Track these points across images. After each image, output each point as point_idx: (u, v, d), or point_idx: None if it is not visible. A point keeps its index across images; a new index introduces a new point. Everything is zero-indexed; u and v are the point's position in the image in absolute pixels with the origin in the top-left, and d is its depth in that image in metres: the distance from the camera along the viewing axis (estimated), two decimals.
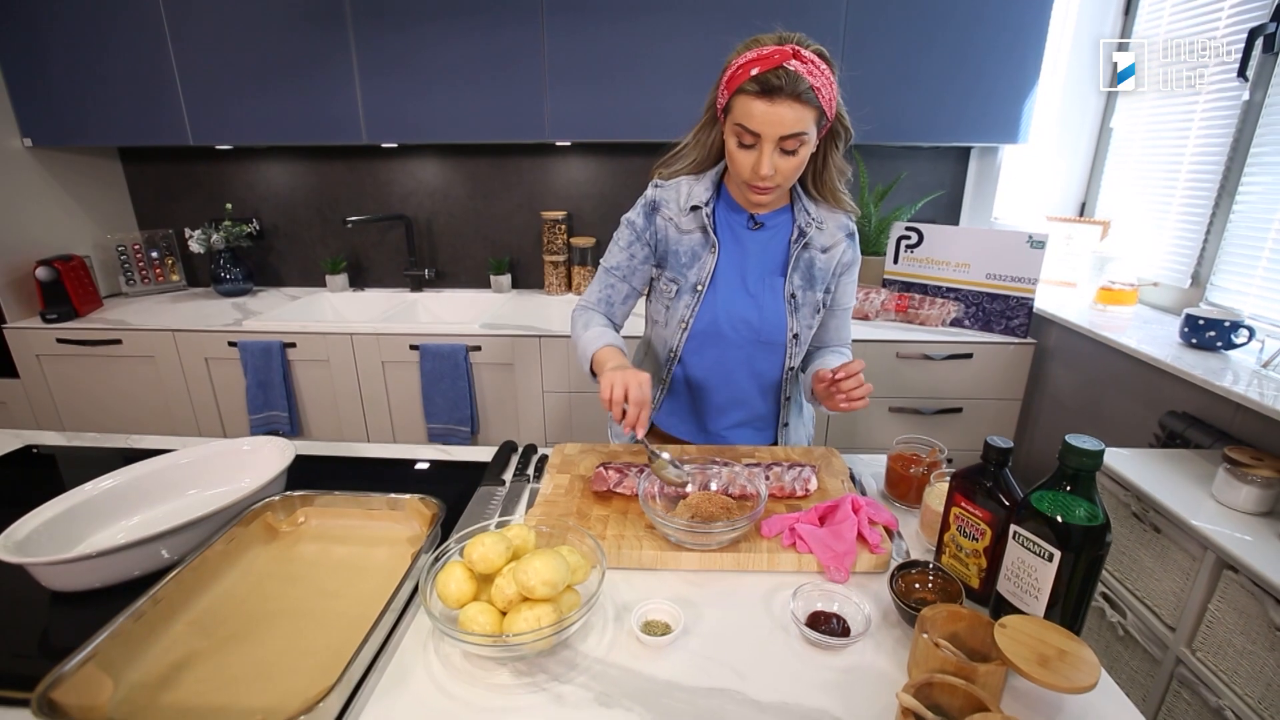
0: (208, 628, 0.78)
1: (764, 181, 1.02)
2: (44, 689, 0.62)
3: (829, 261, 1.16)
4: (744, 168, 1.03)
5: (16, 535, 0.84)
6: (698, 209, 1.13)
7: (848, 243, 1.17)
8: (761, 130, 0.97)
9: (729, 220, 1.15)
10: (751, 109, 0.97)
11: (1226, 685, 1.12)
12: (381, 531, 0.97)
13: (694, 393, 1.23)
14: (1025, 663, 0.62)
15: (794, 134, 0.97)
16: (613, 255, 1.20)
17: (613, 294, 1.22)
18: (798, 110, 0.96)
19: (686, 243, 1.15)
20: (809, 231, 1.13)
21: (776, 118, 0.96)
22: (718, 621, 0.78)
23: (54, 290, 2.20)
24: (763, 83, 0.95)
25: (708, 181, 1.14)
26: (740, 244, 1.15)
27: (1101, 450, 0.67)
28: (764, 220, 1.15)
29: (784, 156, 1.00)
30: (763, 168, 1.00)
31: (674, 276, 1.16)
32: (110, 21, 2.10)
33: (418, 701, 0.68)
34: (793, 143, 0.99)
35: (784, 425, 1.26)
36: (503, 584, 0.73)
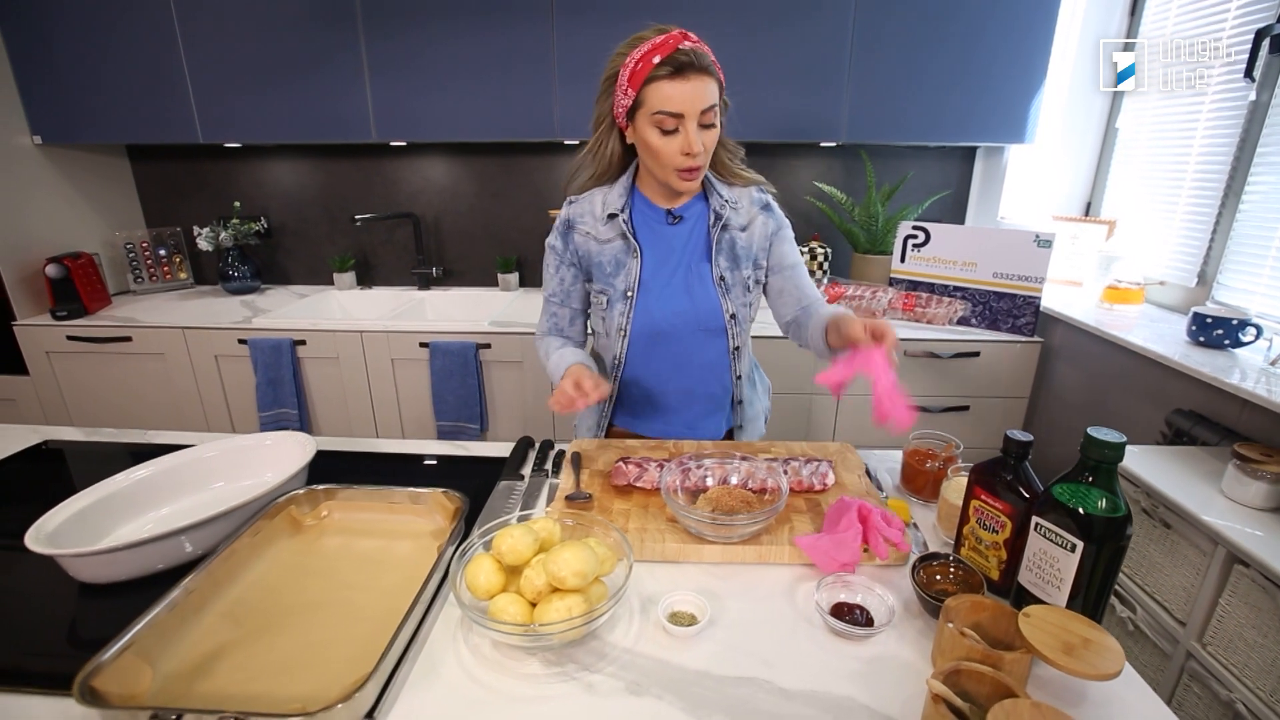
0: (238, 619, 0.79)
1: (694, 159, 1.04)
2: (84, 676, 0.63)
3: (750, 238, 1.18)
4: (672, 154, 1.04)
5: (46, 527, 0.84)
6: (614, 216, 1.14)
7: (764, 215, 1.19)
8: (683, 109, 1.00)
9: (647, 221, 1.17)
10: (668, 92, 1.00)
11: (1238, 678, 1.13)
12: (404, 525, 0.97)
13: (647, 394, 1.24)
14: (1051, 651, 0.63)
15: (710, 105, 1.02)
16: (547, 284, 1.23)
17: (558, 320, 1.25)
18: (708, 83, 1.01)
19: (608, 252, 1.16)
20: (725, 214, 1.15)
21: (694, 93, 1.00)
22: (742, 613, 0.79)
23: (64, 287, 2.20)
24: (673, 64, 0.99)
25: (620, 189, 1.15)
26: (663, 240, 1.17)
27: (1123, 443, 0.68)
28: (681, 213, 1.17)
29: (704, 130, 1.04)
30: (694, 145, 1.02)
31: (603, 287, 1.18)
32: (120, 19, 2.11)
33: (450, 691, 0.69)
34: (709, 115, 1.03)
35: (738, 402, 1.27)
36: (532, 575, 0.74)
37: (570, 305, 1.23)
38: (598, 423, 1.29)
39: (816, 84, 2.09)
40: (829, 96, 2.09)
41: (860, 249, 2.39)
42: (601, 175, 1.16)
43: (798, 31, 2.03)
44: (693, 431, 1.27)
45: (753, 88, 2.08)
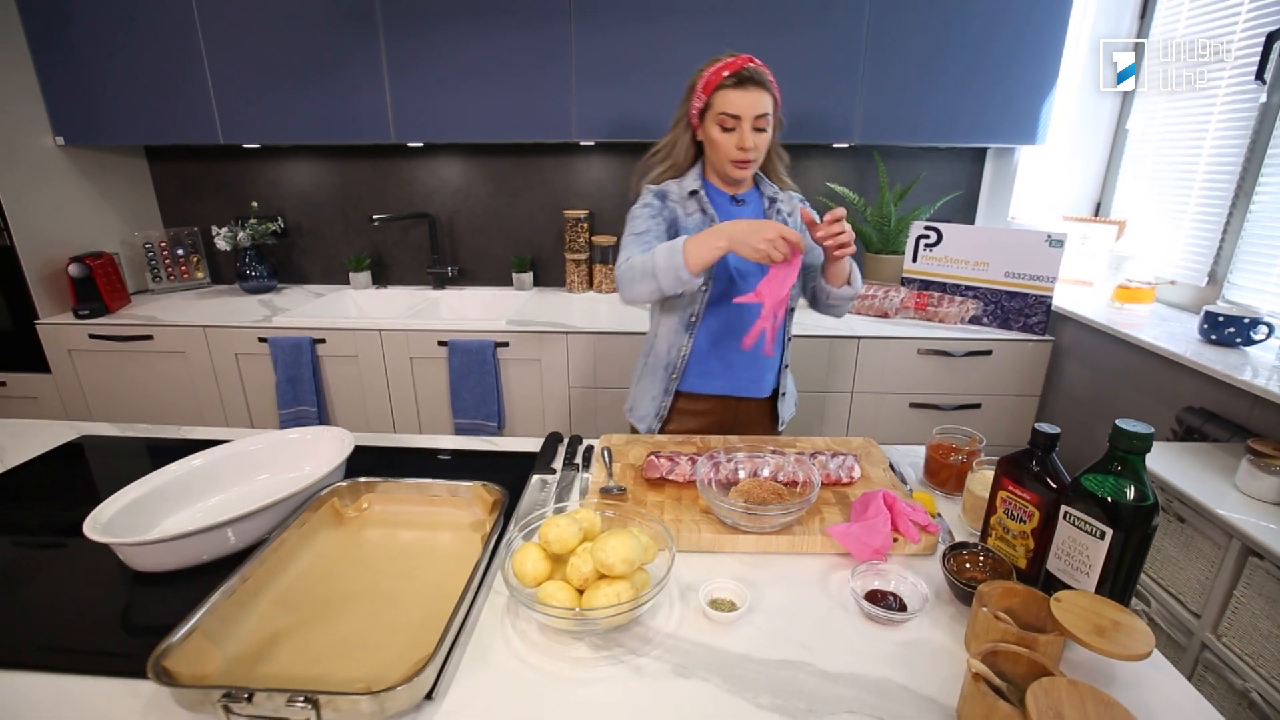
0: (291, 606, 0.82)
1: (746, 154, 1.26)
2: (156, 657, 0.66)
3: (794, 221, 1.41)
4: (729, 147, 1.26)
5: (102, 517, 0.87)
6: (695, 193, 1.35)
7: (801, 204, 1.37)
8: (741, 112, 1.23)
9: (718, 201, 1.38)
10: (731, 98, 1.23)
11: (1252, 668, 1.16)
12: (443, 517, 1.00)
13: (719, 346, 1.39)
14: (1083, 633, 0.66)
15: (763, 113, 1.24)
16: (639, 225, 1.33)
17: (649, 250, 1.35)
18: (763, 95, 1.23)
19: (692, 221, 1.35)
20: (777, 199, 1.39)
21: (751, 100, 1.22)
22: (779, 599, 0.82)
23: (86, 286, 2.23)
24: (737, 77, 1.22)
25: (693, 176, 1.36)
26: (730, 217, 1.36)
27: (1151, 434, 0.71)
28: (743, 198, 1.39)
29: (757, 134, 1.26)
30: (746, 141, 1.25)
31: None
32: (143, 22, 2.14)
33: (503, 673, 0.72)
34: (762, 121, 1.25)
35: (786, 366, 1.48)
36: (578, 563, 0.77)
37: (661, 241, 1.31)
38: (665, 389, 1.42)
39: (830, 86, 2.12)
40: (843, 98, 2.12)
41: (873, 249, 2.42)
42: (675, 166, 1.38)
43: (812, 34, 2.06)
44: (757, 385, 1.43)
45: None
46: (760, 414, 1.48)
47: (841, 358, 2.08)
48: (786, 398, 1.50)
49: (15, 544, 0.97)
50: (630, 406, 1.49)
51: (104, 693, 0.69)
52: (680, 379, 1.41)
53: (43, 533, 1.00)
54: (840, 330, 2.06)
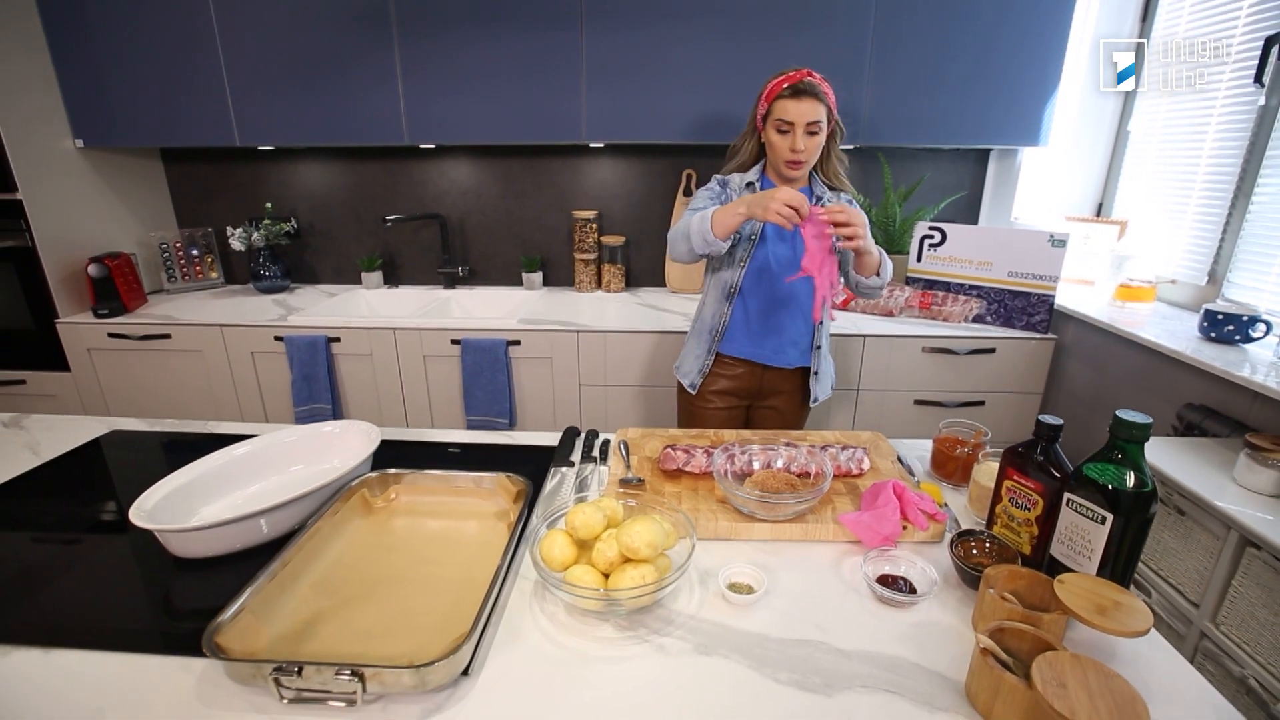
0: (328, 590, 0.85)
1: (797, 155, 1.44)
2: (210, 633, 0.70)
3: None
4: (783, 149, 1.45)
5: (146, 504, 0.91)
6: (751, 185, 1.55)
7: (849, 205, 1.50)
8: (794, 119, 1.42)
9: None
10: (787, 107, 1.42)
11: (1250, 655, 1.20)
12: (468, 507, 1.04)
13: (750, 318, 1.59)
14: (1085, 611, 0.69)
15: (814, 120, 1.42)
16: (698, 202, 1.56)
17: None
18: (815, 105, 1.41)
19: None
20: (824, 197, 1.55)
21: (804, 109, 1.41)
22: (794, 584, 0.86)
23: (105, 286, 2.27)
24: (794, 88, 1.41)
25: (754, 171, 1.57)
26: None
27: (1149, 423, 0.75)
28: None
29: (808, 138, 1.44)
30: (797, 144, 1.43)
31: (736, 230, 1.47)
32: (161, 27, 2.18)
33: (534, 651, 0.75)
34: (814, 127, 1.43)
35: (817, 348, 1.62)
36: (603, 548, 0.80)
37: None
38: (708, 349, 1.63)
39: (836, 87, 2.12)
40: (848, 100, 2.14)
41: None
42: (741, 163, 1.58)
43: (818, 36, 2.10)
44: (776, 357, 1.61)
45: None
46: (788, 385, 1.66)
47: (847, 355, 2.11)
48: (820, 377, 1.65)
49: (56, 534, 1.01)
50: (679, 364, 1.73)
51: (157, 668, 0.73)
52: (720, 341, 1.61)
53: (81, 521, 1.04)
54: (846, 329, 2.10)
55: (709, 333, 1.63)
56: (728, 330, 1.61)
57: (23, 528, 1.02)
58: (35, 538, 0.99)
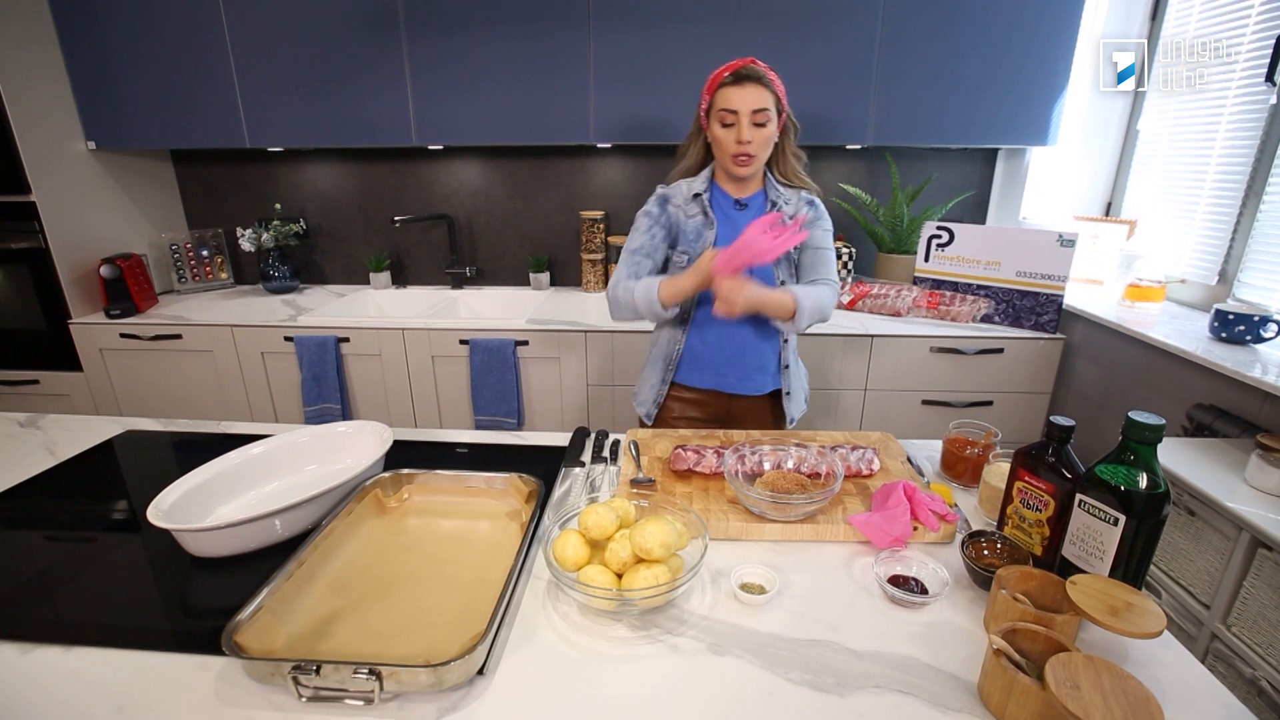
0: (344, 589, 0.86)
1: (745, 148, 1.31)
2: (229, 632, 0.71)
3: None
4: (729, 143, 1.33)
5: (163, 504, 0.92)
6: (698, 196, 1.42)
7: (808, 208, 1.45)
8: (739, 107, 1.29)
9: (721, 204, 1.44)
10: (729, 94, 1.30)
11: (1262, 657, 1.19)
12: (481, 507, 1.05)
13: (709, 348, 1.47)
14: (1097, 613, 0.70)
15: (761, 109, 1.29)
16: (635, 239, 1.44)
17: (639, 270, 1.44)
18: (760, 92, 1.29)
19: (691, 224, 1.43)
20: (778, 202, 1.42)
21: (747, 96, 1.29)
22: (805, 584, 0.86)
23: (116, 287, 2.29)
24: (736, 75, 1.30)
25: (702, 178, 1.44)
26: (731, 221, 1.43)
27: (1162, 424, 0.75)
28: (746, 202, 1.44)
29: (756, 129, 1.31)
30: (743, 134, 1.30)
31: (685, 249, 1.43)
32: (173, 30, 2.20)
33: (548, 651, 0.76)
34: (761, 116, 1.30)
35: (785, 367, 1.50)
36: (616, 548, 0.81)
37: (653, 258, 1.45)
38: (662, 379, 1.51)
39: (844, 88, 2.15)
40: (856, 100, 2.16)
41: (885, 249, 2.45)
42: (687, 168, 1.46)
43: (826, 36, 2.10)
44: (741, 384, 1.48)
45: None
46: (759, 410, 1.53)
47: (855, 355, 2.11)
48: (794, 396, 1.54)
49: (72, 532, 1.02)
50: (635, 393, 1.60)
51: (175, 667, 0.74)
52: (675, 370, 1.50)
53: (98, 521, 1.05)
54: (854, 328, 2.10)
55: (663, 360, 1.50)
56: (683, 359, 1.48)
57: (41, 527, 1.03)
58: (52, 537, 1.00)
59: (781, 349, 1.49)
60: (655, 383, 1.53)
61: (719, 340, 1.45)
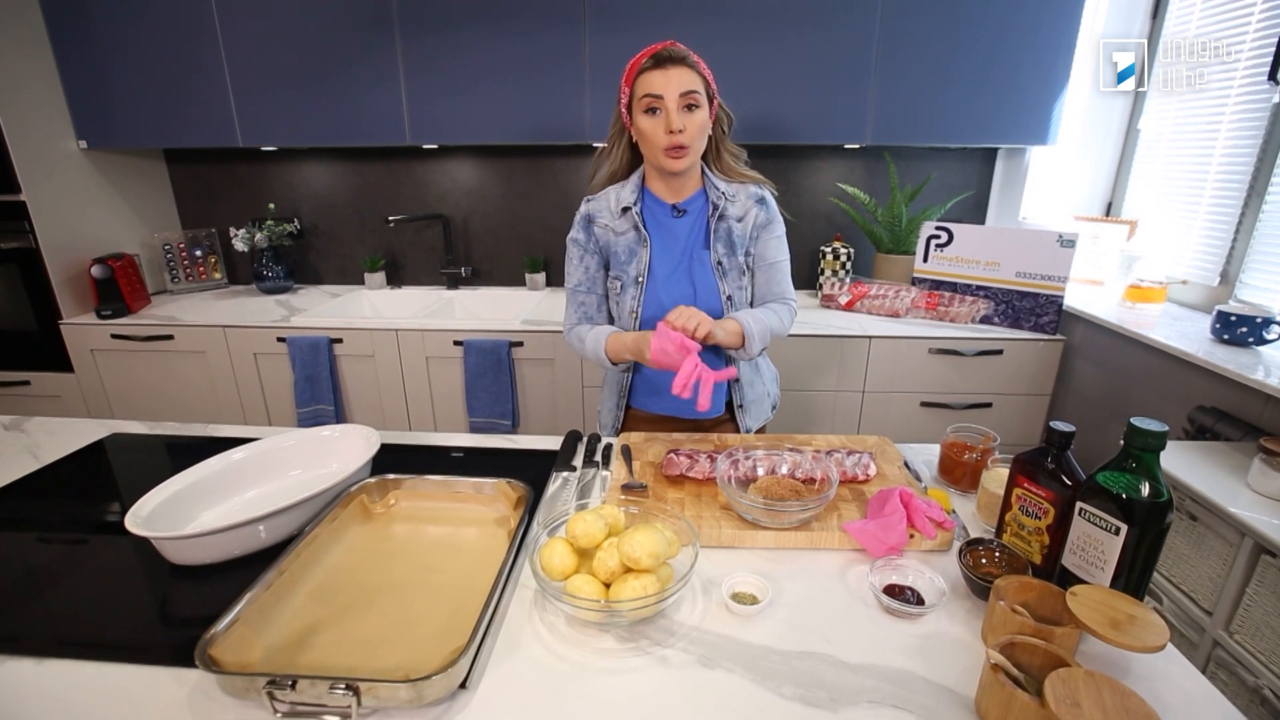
0: (325, 598, 0.84)
1: (676, 138, 1.15)
2: (203, 645, 0.69)
3: (744, 227, 1.29)
4: (658, 133, 1.16)
5: (142, 511, 0.90)
6: (627, 210, 1.27)
7: (758, 208, 1.29)
8: (663, 91, 1.14)
9: (655, 214, 1.30)
10: (652, 79, 1.15)
11: (1265, 665, 1.17)
12: (468, 513, 1.03)
13: (660, 375, 1.32)
14: (1099, 626, 0.67)
15: (689, 90, 1.14)
16: (572, 276, 1.34)
17: (586, 308, 1.35)
18: (686, 74, 1.15)
19: (623, 242, 1.29)
20: (721, 204, 1.27)
21: (673, 79, 1.14)
22: (799, 593, 0.84)
23: (108, 287, 2.27)
24: (656, 57, 1.15)
25: (631, 185, 1.28)
26: (668, 232, 1.29)
27: (1165, 431, 0.73)
28: (684, 207, 1.29)
29: (687, 114, 1.16)
30: (673, 122, 1.14)
31: (618, 274, 1.30)
32: (164, 28, 2.18)
33: (533, 663, 0.74)
34: (689, 98, 1.15)
35: (735, 380, 1.37)
36: (604, 557, 0.79)
37: (596, 292, 1.34)
38: (617, 404, 1.41)
39: (842, 87, 2.13)
40: (854, 99, 2.14)
41: (883, 249, 2.43)
42: (615, 173, 1.31)
43: (823, 36, 2.08)
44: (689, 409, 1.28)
45: (779, 91, 2.13)
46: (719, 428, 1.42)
47: (853, 357, 2.09)
48: (747, 409, 1.40)
49: (54, 538, 1.00)
50: (598, 413, 1.49)
51: (150, 680, 0.71)
52: (629, 396, 1.40)
53: (80, 527, 1.03)
54: (852, 330, 2.08)
55: (617, 384, 1.41)
56: (634, 386, 1.39)
57: (19, 532, 1.01)
58: (28, 543, 0.98)
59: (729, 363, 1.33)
60: (611, 407, 1.43)
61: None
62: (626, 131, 1.25)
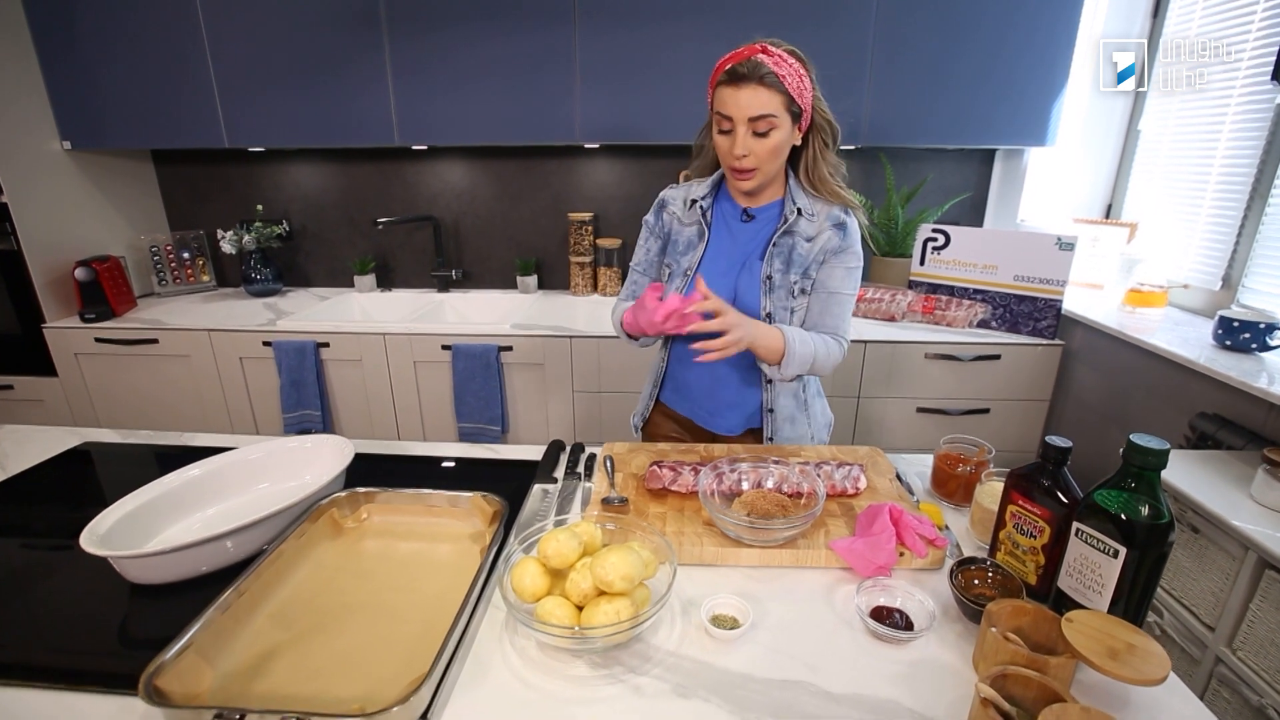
0: (287, 621, 0.80)
1: (740, 162, 1.12)
2: (149, 675, 0.65)
3: (811, 248, 1.21)
4: (725, 152, 1.14)
5: (100, 529, 0.87)
6: (695, 203, 1.25)
7: (833, 231, 1.21)
8: (733, 114, 1.09)
9: (724, 214, 1.27)
10: (724, 96, 1.10)
11: (1269, 684, 1.13)
12: (443, 528, 0.99)
13: (686, 373, 1.32)
14: (1095, 655, 0.64)
15: (761, 115, 1.08)
16: (637, 254, 1.36)
17: (637, 288, 1.35)
18: (761, 94, 1.07)
19: (686, 234, 1.28)
20: (792, 218, 1.19)
21: (743, 100, 1.08)
22: (782, 616, 0.80)
23: (92, 290, 2.24)
24: (731, 73, 1.09)
25: (709, 182, 1.27)
26: (731, 234, 1.26)
27: (1167, 449, 0.69)
28: (755, 213, 1.25)
29: (757, 139, 1.11)
30: (737, 148, 1.11)
31: (670, 261, 1.29)
32: (148, 27, 2.14)
33: (500, 692, 0.70)
34: (762, 124, 1.09)
35: (769, 410, 1.29)
36: (578, 579, 0.75)
37: (649, 275, 1.34)
38: (650, 392, 1.40)
39: (837, 88, 2.06)
40: (849, 100, 2.10)
41: (879, 252, 2.39)
42: (702, 166, 1.30)
43: (818, 36, 2.04)
44: (711, 420, 1.32)
45: None
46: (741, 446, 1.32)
47: (848, 362, 2.05)
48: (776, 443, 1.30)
49: (14, 552, 0.96)
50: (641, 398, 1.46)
51: (97, 708, 0.68)
52: (660, 389, 1.38)
53: (42, 542, 0.99)
54: None
55: (653, 374, 1.39)
56: (665, 379, 1.36)
57: None
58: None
59: (765, 390, 1.28)
60: (646, 393, 1.42)
61: (695, 368, 1.27)
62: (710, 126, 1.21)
